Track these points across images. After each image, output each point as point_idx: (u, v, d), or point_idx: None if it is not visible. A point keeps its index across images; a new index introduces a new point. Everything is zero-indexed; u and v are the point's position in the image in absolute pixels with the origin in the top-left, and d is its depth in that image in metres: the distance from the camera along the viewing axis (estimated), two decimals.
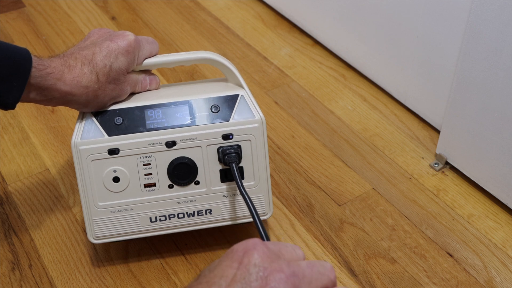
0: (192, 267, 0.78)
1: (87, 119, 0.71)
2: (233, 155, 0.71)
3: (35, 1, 1.31)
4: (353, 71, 1.12)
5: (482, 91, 0.81)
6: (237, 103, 0.73)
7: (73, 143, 0.69)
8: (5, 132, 0.99)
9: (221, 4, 1.31)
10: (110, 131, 0.70)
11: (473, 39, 0.79)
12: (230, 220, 0.75)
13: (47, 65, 0.64)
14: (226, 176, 0.73)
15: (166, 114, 0.71)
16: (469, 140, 0.86)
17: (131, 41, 0.69)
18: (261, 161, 0.73)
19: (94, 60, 0.67)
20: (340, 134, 0.99)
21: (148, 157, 0.71)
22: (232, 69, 0.75)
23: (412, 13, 0.92)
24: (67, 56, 0.67)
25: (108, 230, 0.73)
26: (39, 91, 0.65)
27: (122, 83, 0.70)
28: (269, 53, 1.16)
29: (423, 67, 0.95)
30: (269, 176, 0.74)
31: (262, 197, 0.75)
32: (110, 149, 0.70)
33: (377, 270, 0.78)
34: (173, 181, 0.72)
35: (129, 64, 0.70)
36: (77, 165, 0.70)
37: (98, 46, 0.68)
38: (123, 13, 1.28)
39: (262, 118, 0.72)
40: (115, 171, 0.71)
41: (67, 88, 0.65)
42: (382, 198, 0.88)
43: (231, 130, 0.71)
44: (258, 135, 0.72)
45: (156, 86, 0.76)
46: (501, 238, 0.82)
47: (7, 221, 0.84)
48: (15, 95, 0.63)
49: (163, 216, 0.73)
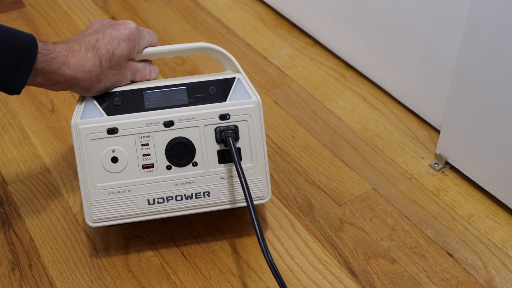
0: (192, 267, 0.78)
1: (87, 101, 0.73)
2: (230, 131, 0.72)
3: (35, 1, 1.31)
4: (353, 71, 1.12)
5: (482, 91, 0.81)
6: (234, 85, 0.74)
7: (73, 123, 0.71)
8: (5, 132, 0.99)
9: (221, 4, 1.31)
10: (109, 111, 0.72)
11: (473, 39, 0.79)
12: (229, 203, 0.75)
13: (51, 50, 0.66)
14: (224, 158, 0.74)
15: (165, 96, 0.73)
16: (469, 140, 0.86)
17: (133, 29, 0.72)
18: (258, 142, 0.74)
19: (97, 46, 0.69)
20: (340, 134, 0.99)
21: (146, 137, 0.72)
22: (230, 56, 0.76)
23: (412, 13, 0.92)
24: (71, 42, 0.69)
25: (106, 213, 0.73)
26: (45, 75, 0.66)
27: (123, 68, 0.72)
28: (269, 53, 1.16)
29: (423, 67, 0.95)
30: (266, 159, 0.75)
31: (260, 179, 0.75)
32: (109, 128, 0.71)
33: (377, 270, 0.78)
34: (171, 162, 0.73)
35: (130, 51, 0.72)
36: (76, 145, 0.71)
37: (101, 33, 0.71)
38: (123, 13, 1.28)
39: (258, 99, 0.74)
40: (113, 151, 0.72)
41: (71, 72, 0.67)
42: (382, 198, 0.88)
43: (228, 110, 0.73)
44: (254, 115, 0.73)
45: (155, 76, 0.78)
46: (501, 238, 0.82)
47: (7, 221, 0.84)
48: (21, 81, 0.65)
49: (161, 198, 0.74)
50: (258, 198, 0.75)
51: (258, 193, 0.75)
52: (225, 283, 0.76)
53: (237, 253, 0.80)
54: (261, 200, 0.76)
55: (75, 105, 1.02)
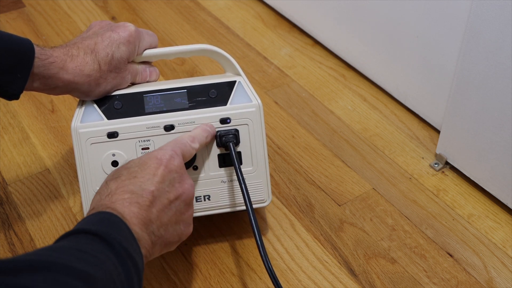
0: (192, 267, 0.78)
1: (87, 104, 0.72)
2: (231, 136, 0.72)
3: (35, 1, 1.31)
4: (353, 71, 1.12)
5: (482, 91, 0.81)
6: (235, 88, 0.74)
7: (73, 127, 0.71)
8: (5, 132, 0.99)
9: (221, 4, 1.31)
10: (109, 115, 0.72)
11: (473, 39, 0.79)
12: (229, 207, 0.75)
13: (49, 54, 0.66)
14: (224, 161, 0.74)
15: (165, 99, 0.73)
16: (469, 140, 0.86)
17: (132, 32, 0.71)
18: (258, 146, 0.74)
19: (96, 50, 0.68)
20: (340, 134, 0.99)
21: (147, 141, 0.72)
22: (231, 59, 0.76)
23: (412, 13, 0.92)
24: (69, 46, 0.68)
25: None
26: (43, 80, 0.66)
27: (123, 71, 0.71)
28: (269, 53, 1.16)
29: (423, 67, 0.95)
30: (267, 163, 0.75)
31: (260, 183, 0.75)
32: (109, 132, 0.71)
33: (377, 270, 0.78)
34: None
35: (130, 54, 0.71)
36: (77, 149, 0.71)
37: (100, 36, 0.70)
38: (123, 13, 1.28)
39: (259, 103, 0.73)
40: (113, 155, 0.71)
41: (69, 76, 0.67)
42: (382, 198, 0.88)
43: (228, 114, 0.73)
44: (255, 119, 0.73)
45: (156, 78, 0.77)
46: (501, 238, 0.82)
47: (7, 221, 0.84)
48: (19, 86, 0.64)
49: None
50: (258, 201, 0.75)
51: (258, 197, 0.75)
52: (225, 283, 0.76)
53: (237, 253, 0.80)
54: (262, 204, 0.76)
55: (75, 105, 1.03)
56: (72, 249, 0.49)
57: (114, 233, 0.52)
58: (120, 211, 0.56)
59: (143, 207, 0.58)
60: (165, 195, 0.61)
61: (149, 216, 0.58)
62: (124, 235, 0.54)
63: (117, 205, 0.57)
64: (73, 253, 0.48)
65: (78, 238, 0.51)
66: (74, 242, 0.51)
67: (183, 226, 0.63)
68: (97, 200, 0.59)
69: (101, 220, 0.54)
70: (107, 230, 0.52)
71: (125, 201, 0.57)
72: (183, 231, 0.64)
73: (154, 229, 0.59)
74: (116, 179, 0.60)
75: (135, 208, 0.57)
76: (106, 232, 0.52)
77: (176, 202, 0.62)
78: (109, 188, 0.60)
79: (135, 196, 0.58)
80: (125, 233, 0.54)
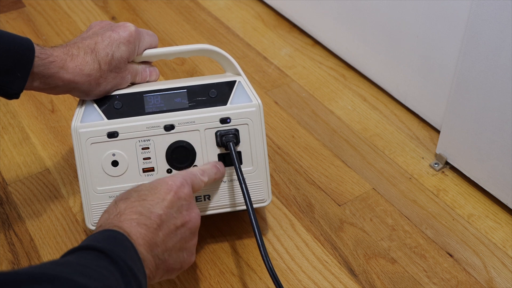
0: (192, 267, 0.78)
1: (87, 104, 0.72)
2: (231, 136, 0.72)
3: (35, 1, 1.31)
4: (353, 71, 1.12)
5: (482, 91, 0.81)
6: (235, 88, 0.74)
7: (73, 127, 0.71)
8: (5, 132, 0.99)
9: (221, 4, 1.31)
10: (109, 115, 0.72)
11: (473, 39, 0.79)
12: (229, 207, 0.75)
13: (49, 54, 0.66)
14: (224, 161, 0.74)
15: (165, 99, 0.73)
16: (469, 140, 0.86)
17: (132, 31, 0.71)
18: (258, 146, 0.74)
19: (96, 49, 0.68)
20: (340, 134, 0.99)
21: (147, 140, 0.72)
22: (231, 59, 0.76)
23: (412, 13, 0.92)
24: (69, 45, 0.69)
25: None
26: (43, 79, 0.66)
27: (123, 71, 0.72)
28: (269, 53, 1.16)
29: (423, 67, 0.95)
30: (267, 162, 0.75)
31: (260, 183, 0.75)
32: (109, 132, 0.71)
33: (377, 270, 0.78)
34: (171, 165, 0.73)
35: (130, 53, 0.72)
36: (77, 149, 0.71)
37: (100, 36, 0.70)
38: (123, 13, 1.28)
39: (259, 103, 0.74)
40: (114, 154, 0.72)
41: (69, 76, 0.67)
42: (382, 198, 0.88)
43: (228, 114, 0.73)
44: (255, 119, 0.73)
45: (156, 78, 0.77)
46: (501, 238, 0.82)
47: (7, 221, 0.84)
48: (19, 85, 0.65)
49: None
50: (258, 201, 0.75)
51: (258, 196, 0.75)
52: (225, 283, 0.76)
53: (237, 254, 0.80)
54: (262, 203, 0.76)
55: (75, 105, 1.03)
56: (76, 264, 0.49)
57: (120, 251, 0.52)
58: (127, 231, 0.56)
59: (150, 229, 0.58)
60: (172, 220, 0.61)
61: (155, 238, 0.59)
62: (130, 254, 0.54)
63: (125, 225, 0.57)
64: (77, 268, 0.48)
65: (84, 254, 0.52)
66: (79, 257, 0.51)
67: (186, 254, 0.64)
68: (105, 219, 0.60)
69: (107, 237, 0.55)
70: (113, 248, 0.52)
71: (133, 221, 0.58)
72: (186, 259, 0.64)
73: (158, 252, 0.59)
74: (126, 200, 0.61)
75: (142, 229, 0.58)
76: (111, 249, 0.52)
77: (182, 229, 0.62)
78: (118, 207, 0.60)
79: (143, 217, 0.59)
80: (130, 252, 0.54)
